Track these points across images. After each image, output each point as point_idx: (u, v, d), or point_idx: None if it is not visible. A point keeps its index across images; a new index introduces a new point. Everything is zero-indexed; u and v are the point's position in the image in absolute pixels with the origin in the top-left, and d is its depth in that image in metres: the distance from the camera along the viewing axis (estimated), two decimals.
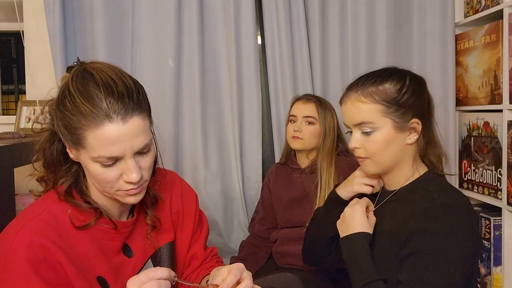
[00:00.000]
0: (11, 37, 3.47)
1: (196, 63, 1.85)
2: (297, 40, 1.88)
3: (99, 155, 0.83)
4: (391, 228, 1.07)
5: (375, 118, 1.04)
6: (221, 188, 1.92)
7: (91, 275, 0.89)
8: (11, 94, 3.77)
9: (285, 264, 1.62)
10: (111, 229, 0.94)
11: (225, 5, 1.87)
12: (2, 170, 1.30)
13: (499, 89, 1.69)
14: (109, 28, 1.81)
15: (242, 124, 1.92)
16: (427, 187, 1.06)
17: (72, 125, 0.83)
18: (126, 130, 0.83)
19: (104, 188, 0.88)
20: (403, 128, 1.05)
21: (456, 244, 0.95)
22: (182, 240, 1.10)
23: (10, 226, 0.87)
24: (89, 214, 0.91)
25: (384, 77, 1.07)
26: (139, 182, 0.87)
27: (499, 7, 1.68)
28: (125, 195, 0.89)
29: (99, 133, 0.81)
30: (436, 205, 0.99)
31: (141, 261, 1.00)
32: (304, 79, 1.89)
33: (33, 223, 0.84)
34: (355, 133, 1.08)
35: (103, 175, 0.85)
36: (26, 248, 0.80)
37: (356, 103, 1.06)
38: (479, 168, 1.83)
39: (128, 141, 0.83)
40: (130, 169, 0.84)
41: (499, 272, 1.69)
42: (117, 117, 0.82)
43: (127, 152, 0.84)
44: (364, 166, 1.11)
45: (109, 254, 0.94)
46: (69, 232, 0.88)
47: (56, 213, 0.88)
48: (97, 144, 0.82)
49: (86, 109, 0.81)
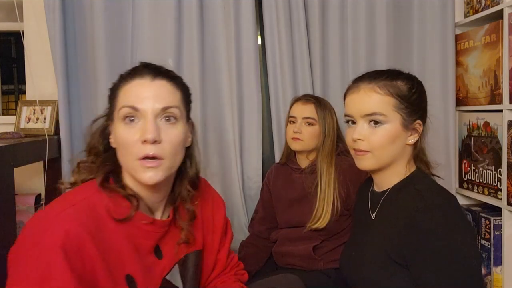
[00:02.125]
0: (11, 37, 3.47)
1: (196, 63, 1.85)
2: (297, 40, 1.88)
3: (122, 105, 0.88)
4: (383, 228, 1.07)
5: (388, 111, 1.04)
6: (221, 188, 1.92)
7: (119, 273, 0.88)
8: (11, 94, 3.77)
9: (285, 264, 1.62)
10: (148, 225, 0.93)
11: (225, 5, 1.87)
12: (2, 170, 1.30)
13: (499, 89, 1.69)
14: (109, 28, 1.81)
15: (242, 124, 1.92)
16: (416, 185, 1.06)
17: (112, 91, 0.93)
18: (152, 86, 0.89)
19: (128, 160, 0.89)
20: (408, 127, 1.06)
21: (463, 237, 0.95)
22: (210, 247, 1.11)
23: (50, 208, 0.86)
24: (127, 208, 0.90)
25: (395, 74, 1.08)
26: (156, 148, 0.87)
27: (499, 7, 1.68)
28: (142, 168, 0.87)
29: (128, 86, 0.90)
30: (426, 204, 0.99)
31: (169, 265, 0.99)
32: (304, 79, 1.89)
33: (73, 210, 0.83)
34: (361, 124, 1.06)
35: (124, 135, 0.88)
36: (62, 235, 0.78)
37: (370, 93, 1.05)
38: (479, 168, 1.83)
39: (152, 97, 0.88)
40: (147, 127, 0.86)
41: (499, 272, 1.69)
42: (147, 75, 0.90)
43: (147, 106, 0.87)
44: (362, 160, 1.08)
45: (142, 253, 0.93)
46: (106, 225, 0.87)
47: (95, 204, 0.87)
48: (124, 96, 0.89)
49: (126, 73, 0.93)
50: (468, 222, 1.02)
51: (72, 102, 1.81)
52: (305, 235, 1.56)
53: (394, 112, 1.04)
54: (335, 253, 1.55)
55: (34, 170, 1.88)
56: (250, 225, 1.80)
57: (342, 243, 1.55)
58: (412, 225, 0.98)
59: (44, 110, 1.84)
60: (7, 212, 1.31)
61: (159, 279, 0.97)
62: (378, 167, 1.09)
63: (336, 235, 1.57)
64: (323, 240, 1.57)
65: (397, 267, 1.01)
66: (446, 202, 1.00)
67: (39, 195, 1.84)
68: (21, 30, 1.88)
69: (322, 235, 1.56)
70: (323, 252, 1.57)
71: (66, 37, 1.77)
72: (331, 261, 1.56)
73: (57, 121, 1.80)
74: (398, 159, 1.08)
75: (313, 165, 1.61)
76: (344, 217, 1.56)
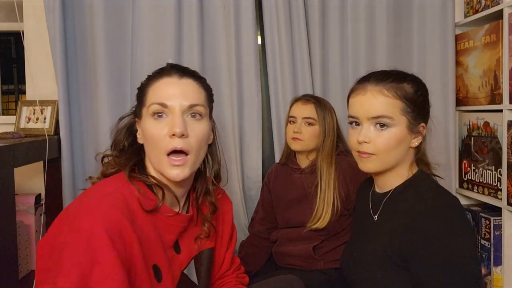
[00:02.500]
0: (11, 37, 3.47)
1: (196, 63, 1.84)
2: (297, 40, 1.88)
3: (152, 102, 0.93)
4: (385, 229, 1.07)
5: (395, 114, 1.03)
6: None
7: (149, 261, 0.91)
8: (11, 94, 3.77)
9: (285, 264, 1.62)
10: (171, 219, 0.96)
11: (225, 5, 1.87)
12: (2, 170, 1.30)
13: (499, 89, 1.69)
14: (109, 28, 1.81)
15: (242, 124, 1.92)
16: (418, 187, 1.06)
17: (141, 90, 0.98)
18: (180, 84, 0.95)
19: (156, 154, 0.93)
20: (413, 130, 1.06)
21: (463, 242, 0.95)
22: (220, 246, 1.16)
23: (82, 198, 0.89)
24: (153, 201, 0.94)
25: (402, 76, 1.07)
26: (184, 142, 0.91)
27: (499, 7, 1.68)
28: (169, 165, 0.92)
29: (158, 84, 0.96)
30: (429, 207, 0.99)
31: (186, 260, 1.03)
32: (304, 79, 1.89)
33: (109, 200, 0.86)
34: (367, 126, 1.05)
35: (153, 130, 0.92)
36: (105, 220, 0.81)
37: (378, 95, 1.04)
38: (479, 168, 1.83)
39: (179, 95, 0.93)
40: (175, 122, 0.91)
41: (499, 272, 1.69)
42: (175, 74, 0.96)
43: (175, 103, 0.92)
44: (367, 163, 1.07)
45: (165, 246, 0.96)
46: (138, 215, 0.90)
47: (125, 195, 0.90)
48: (153, 93, 0.95)
49: (155, 73, 0.99)
50: (469, 225, 1.02)
51: (72, 102, 1.81)
52: (305, 235, 1.56)
53: (401, 115, 1.04)
54: (335, 253, 1.55)
55: (34, 170, 1.88)
56: (250, 225, 1.80)
57: (342, 243, 1.55)
58: (413, 227, 0.98)
59: (44, 110, 1.84)
60: (7, 212, 1.31)
61: (178, 273, 1.00)
62: (382, 169, 1.09)
63: (336, 235, 1.57)
64: (323, 240, 1.57)
65: (398, 268, 1.01)
66: (448, 205, 1.00)
67: (39, 195, 1.83)
68: (21, 30, 1.88)
69: (322, 235, 1.56)
70: (323, 252, 1.57)
71: (66, 37, 1.77)
72: (331, 261, 1.56)
73: (57, 121, 1.80)
74: (401, 162, 1.08)
75: (313, 165, 1.61)
76: (344, 217, 1.56)
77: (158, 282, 0.92)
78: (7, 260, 1.30)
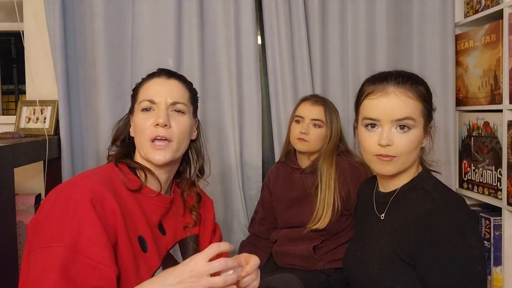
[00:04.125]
0: (11, 37, 3.47)
1: (196, 63, 1.85)
2: (297, 40, 1.88)
3: (143, 99, 1.07)
4: (392, 228, 1.07)
5: (417, 116, 1.03)
6: (221, 188, 1.92)
7: (134, 233, 0.99)
8: (11, 94, 3.77)
9: (285, 264, 1.62)
10: (154, 199, 1.06)
11: (225, 5, 1.87)
12: (2, 170, 1.30)
13: (499, 89, 1.69)
14: (109, 28, 1.81)
15: (242, 124, 1.92)
16: (424, 186, 1.06)
17: (135, 89, 1.12)
18: (166, 84, 1.09)
19: (141, 141, 1.05)
20: (426, 130, 1.07)
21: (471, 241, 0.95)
22: (203, 234, 1.21)
23: (73, 178, 1.00)
24: (136, 181, 1.04)
25: (415, 77, 1.07)
26: (166, 131, 1.04)
27: (499, 7, 1.68)
28: (153, 149, 1.04)
29: (148, 83, 1.10)
30: (437, 205, 0.99)
31: (171, 242, 1.11)
32: (304, 79, 1.89)
33: (94, 177, 0.97)
34: (389, 129, 1.03)
35: (141, 121, 1.05)
36: (89, 191, 0.91)
37: (403, 98, 1.02)
38: (479, 168, 1.83)
39: (165, 91, 1.07)
40: (160, 114, 1.04)
41: (499, 272, 1.69)
42: (163, 76, 1.10)
43: (161, 99, 1.05)
44: (387, 166, 1.04)
45: (151, 225, 1.05)
46: (122, 192, 1.00)
47: (111, 176, 1.01)
48: (144, 91, 1.09)
49: (147, 76, 1.13)
50: (476, 225, 1.02)
51: (72, 102, 1.80)
52: (305, 235, 1.56)
53: (420, 117, 1.04)
54: (335, 253, 1.55)
55: (34, 170, 1.88)
56: (250, 225, 1.80)
57: (342, 243, 1.55)
58: (422, 226, 0.98)
59: (44, 110, 1.84)
60: (7, 212, 1.31)
61: (164, 252, 1.07)
62: (400, 171, 1.07)
63: (336, 235, 1.57)
64: (323, 240, 1.57)
65: (406, 266, 1.01)
66: (456, 204, 1.00)
67: (39, 195, 1.83)
68: (21, 30, 1.88)
69: (322, 235, 1.56)
70: (323, 252, 1.57)
71: (66, 37, 1.77)
72: (331, 261, 1.56)
73: (57, 121, 1.79)
74: (414, 163, 1.09)
75: (313, 165, 1.61)
76: (344, 217, 1.56)
77: (144, 252, 1.00)
78: (7, 260, 1.30)
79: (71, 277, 0.84)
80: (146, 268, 0.99)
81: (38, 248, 0.87)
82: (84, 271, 0.86)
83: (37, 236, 0.89)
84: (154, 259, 1.01)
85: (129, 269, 0.95)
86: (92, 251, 0.87)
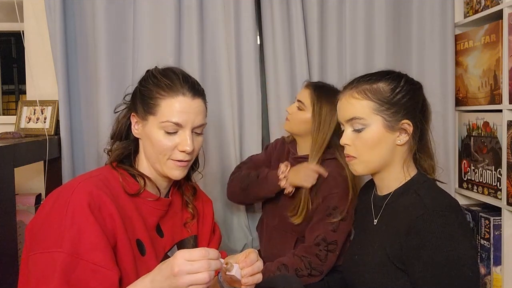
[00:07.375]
0: (11, 37, 3.48)
1: (196, 63, 1.85)
2: (295, 40, 1.88)
3: (167, 120, 1.00)
4: (385, 233, 1.07)
5: (366, 115, 1.06)
6: (221, 187, 1.92)
7: (132, 236, 0.99)
8: (12, 94, 3.78)
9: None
10: (153, 202, 1.06)
11: (225, 5, 1.87)
12: (2, 170, 1.30)
13: (498, 89, 1.69)
14: (110, 27, 1.81)
15: (242, 124, 1.92)
16: (417, 190, 1.06)
17: (150, 95, 1.03)
18: (193, 105, 1.03)
19: (158, 157, 1.03)
20: (394, 128, 1.06)
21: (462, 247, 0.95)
22: (201, 235, 1.21)
23: (71, 181, 0.99)
24: (135, 185, 1.04)
25: (379, 76, 1.09)
26: (190, 155, 1.03)
27: (499, 7, 1.68)
28: (174, 166, 1.03)
29: (173, 101, 1.01)
30: (428, 211, 0.99)
31: (169, 244, 1.10)
32: (302, 79, 1.88)
33: (92, 180, 0.97)
34: (347, 130, 1.10)
35: (163, 141, 1.01)
36: (86, 195, 0.91)
37: (349, 99, 1.08)
38: (479, 168, 1.83)
39: (192, 115, 1.02)
40: (187, 140, 1.01)
41: (499, 272, 1.69)
42: (188, 94, 1.02)
43: (188, 124, 1.02)
44: (353, 166, 1.11)
45: (148, 228, 1.05)
46: (120, 195, 0.99)
47: (109, 179, 1.01)
48: (168, 110, 1.01)
49: (165, 83, 1.02)
50: (468, 229, 1.02)
51: (72, 102, 1.81)
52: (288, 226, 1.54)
53: (374, 115, 1.05)
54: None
55: (34, 170, 1.88)
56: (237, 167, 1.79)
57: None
58: (413, 232, 0.98)
59: (44, 110, 1.84)
60: (7, 212, 1.31)
61: (162, 254, 1.08)
62: (370, 171, 1.11)
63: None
64: (298, 238, 1.55)
65: (399, 272, 1.02)
66: (447, 209, 1.00)
67: (39, 195, 1.84)
68: (21, 30, 1.88)
69: (297, 232, 1.54)
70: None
71: (67, 37, 1.78)
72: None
73: (57, 121, 1.80)
74: (391, 162, 1.08)
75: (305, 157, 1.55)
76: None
77: (142, 256, 1.00)
78: (7, 260, 1.30)
79: (73, 283, 0.85)
80: (145, 271, 0.97)
81: (38, 253, 0.87)
82: (86, 276, 0.86)
83: (36, 241, 0.89)
84: (152, 262, 1.01)
85: (129, 272, 0.95)
86: (93, 255, 0.87)
